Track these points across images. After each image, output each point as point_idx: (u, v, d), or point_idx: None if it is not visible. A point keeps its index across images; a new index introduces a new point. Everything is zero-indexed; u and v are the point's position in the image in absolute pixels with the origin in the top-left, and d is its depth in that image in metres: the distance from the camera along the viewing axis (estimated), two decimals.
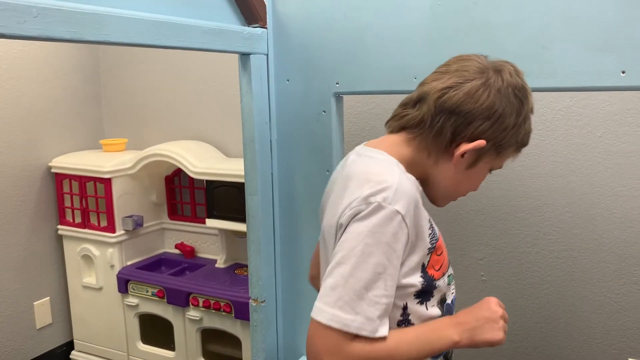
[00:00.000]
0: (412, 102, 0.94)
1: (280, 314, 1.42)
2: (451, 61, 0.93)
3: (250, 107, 1.29)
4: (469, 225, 2.06)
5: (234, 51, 1.21)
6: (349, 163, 0.95)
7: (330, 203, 0.94)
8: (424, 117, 0.91)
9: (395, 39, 1.14)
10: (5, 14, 0.74)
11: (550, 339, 1.98)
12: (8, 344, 2.47)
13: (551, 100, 1.84)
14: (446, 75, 0.90)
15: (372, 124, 2.17)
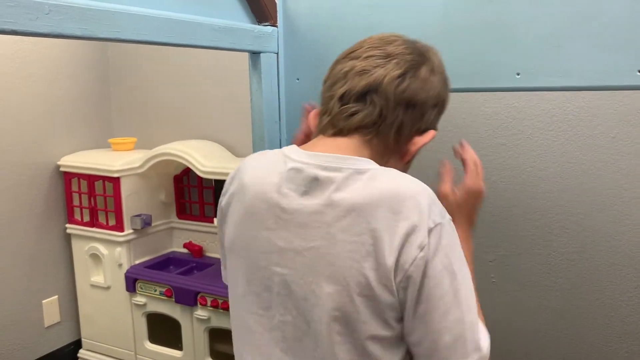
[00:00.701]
0: (358, 96, 0.77)
1: None
2: (376, 43, 0.81)
3: (260, 106, 1.28)
4: (479, 227, 2.04)
5: (244, 50, 1.20)
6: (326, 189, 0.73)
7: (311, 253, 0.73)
8: (382, 111, 0.77)
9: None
10: (17, 10, 0.74)
11: (562, 342, 1.96)
12: (17, 341, 2.48)
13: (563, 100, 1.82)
14: (390, 60, 0.77)
15: None
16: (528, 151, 1.91)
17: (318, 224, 0.73)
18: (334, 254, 0.71)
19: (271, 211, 0.77)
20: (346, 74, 0.80)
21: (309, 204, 0.74)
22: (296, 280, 0.74)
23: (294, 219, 0.75)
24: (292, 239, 0.75)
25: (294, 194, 0.76)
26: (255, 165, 0.83)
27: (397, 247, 0.68)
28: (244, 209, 0.80)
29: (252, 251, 0.79)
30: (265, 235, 0.77)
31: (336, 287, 0.70)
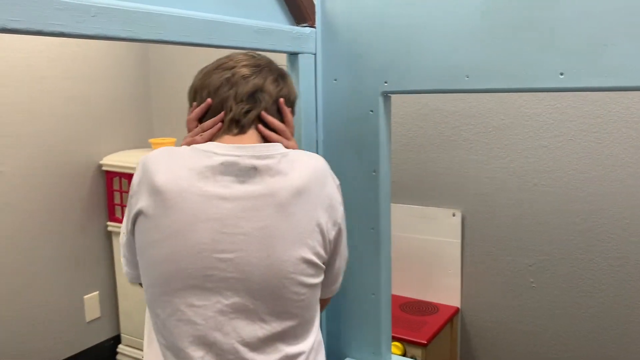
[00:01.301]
0: (248, 96, 0.95)
1: (323, 314, 1.41)
2: (242, 57, 0.99)
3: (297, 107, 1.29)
4: (519, 230, 2.00)
5: (282, 51, 1.21)
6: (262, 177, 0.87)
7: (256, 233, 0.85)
8: (266, 107, 0.96)
9: (447, 36, 1.11)
10: (65, 13, 0.76)
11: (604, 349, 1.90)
12: (59, 335, 2.55)
13: (608, 100, 1.77)
14: (262, 69, 0.98)
15: (419, 124, 2.14)
16: (571, 153, 1.87)
17: (263, 204, 0.86)
18: (289, 226, 0.87)
19: (210, 203, 0.85)
20: (229, 80, 0.96)
21: (251, 189, 0.87)
22: (250, 259, 0.85)
23: (237, 203, 0.86)
24: (237, 221, 0.85)
25: (232, 183, 0.86)
26: (164, 168, 0.88)
27: (331, 210, 0.93)
28: (174, 210, 0.85)
29: (196, 242, 0.84)
30: (208, 227, 0.84)
31: (297, 253, 0.88)
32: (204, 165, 0.87)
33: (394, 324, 1.42)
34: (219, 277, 0.85)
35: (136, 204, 0.88)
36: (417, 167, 2.17)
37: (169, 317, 0.87)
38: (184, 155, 0.90)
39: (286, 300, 0.88)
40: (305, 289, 0.90)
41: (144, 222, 0.87)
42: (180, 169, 0.87)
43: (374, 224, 1.30)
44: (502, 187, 2.01)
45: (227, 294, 0.85)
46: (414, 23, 1.15)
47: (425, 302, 2.18)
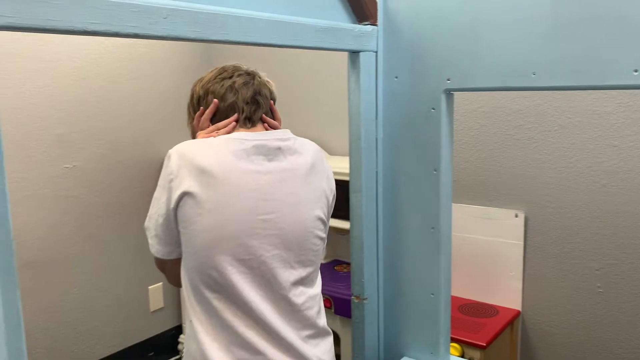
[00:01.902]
0: (251, 98, 1.18)
1: (382, 312, 1.41)
2: (237, 68, 1.23)
3: (357, 105, 1.29)
4: (586, 232, 1.93)
5: (344, 49, 1.21)
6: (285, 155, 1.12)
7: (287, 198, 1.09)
8: (264, 106, 1.21)
9: (513, 32, 1.09)
10: (139, 15, 0.79)
11: None
12: (124, 324, 2.67)
13: None
14: (254, 77, 1.21)
15: (481, 122, 2.10)
16: None
17: (291, 176, 1.10)
18: (308, 193, 1.12)
19: (251, 177, 1.06)
20: (232, 87, 1.18)
21: (279, 165, 1.10)
22: (283, 218, 1.08)
23: (271, 176, 1.08)
24: (272, 190, 1.07)
25: (263, 161, 1.08)
26: (208, 152, 1.05)
27: (328, 180, 1.20)
28: (221, 185, 1.03)
29: (241, 215, 1.04)
30: (251, 196, 1.05)
31: (314, 212, 1.13)
32: (240, 149, 1.07)
33: (453, 325, 1.40)
34: (262, 234, 1.06)
35: (179, 187, 1.03)
36: (479, 166, 2.13)
37: (222, 271, 1.03)
38: (220, 143, 1.07)
39: (308, 251, 1.12)
40: (319, 241, 1.15)
41: (190, 200, 1.02)
42: (221, 153, 1.05)
43: (434, 224, 1.28)
44: (568, 187, 1.94)
45: (269, 248, 1.06)
46: (478, 19, 1.13)
47: (485, 304, 2.14)
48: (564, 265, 1.98)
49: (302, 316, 1.11)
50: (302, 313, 1.11)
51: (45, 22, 0.69)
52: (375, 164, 1.36)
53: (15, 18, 0.67)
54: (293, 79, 2.70)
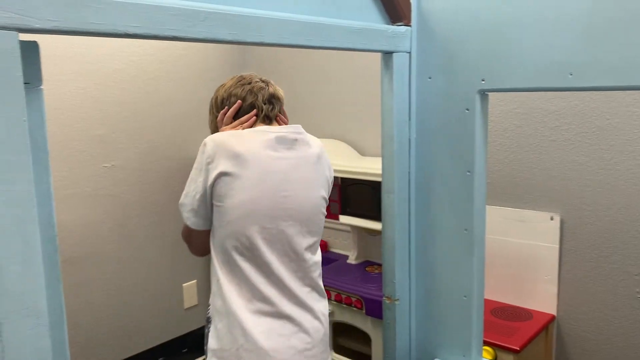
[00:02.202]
0: (268, 99, 1.38)
1: (413, 313, 1.41)
2: (254, 76, 1.44)
3: (390, 105, 1.29)
4: (624, 236, 1.88)
5: (377, 50, 1.22)
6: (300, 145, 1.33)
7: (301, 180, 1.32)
8: (277, 106, 1.41)
9: (549, 31, 1.07)
10: (178, 18, 0.82)
11: None
12: (159, 321, 2.73)
13: None
14: (269, 83, 1.43)
15: (516, 123, 2.07)
16: None
17: (304, 163, 1.33)
18: (316, 177, 1.35)
19: (275, 162, 1.28)
20: (252, 91, 1.39)
21: (295, 153, 1.32)
22: (298, 196, 1.30)
23: (289, 161, 1.30)
24: (293, 174, 1.30)
25: (284, 150, 1.30)
26: (240, 141, 1.27)
27: (329, 168, 1.42)
28: (251, 168, 1.25)
29: (267, 192, 1.26)
30: (274, 178, 1.27)
31: (320, 193, 1.36)
32: (265, 139, 1.29)
33: (486, 329, 1.39)
34: (282, 208, 1.28)
35: (215, 168, 1.25)
36: (514, 168, 2.10)
37: (249, 237, 1.26)
38: (248, 134, 1.31)
39: (315, 223, 1.36)
40: (323, 216, 1.39)
41: (226, 178, 1.24)
42: (251, 142, 1.28)
43: (467, 225, 1.28)
44: (606, 190, 1.90)
45: (287, 219, 1.29)
46: (514, 18, 1.12)
47: (519, 308, 2.11)
48: (602, 270, 1.93)
49: (308, 277, 1.35)
50: (308, 274, 1.35)
51: (89, 25, 0.72)
52: (408, 164, 1.35)
53: (61, 22, 0.70)
54: (325, 80, 2.71)
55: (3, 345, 0.67)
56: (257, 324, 1.26)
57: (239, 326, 1.25)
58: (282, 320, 1.29)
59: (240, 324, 1.25)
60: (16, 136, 0.67)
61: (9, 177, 0.67)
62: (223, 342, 1.28)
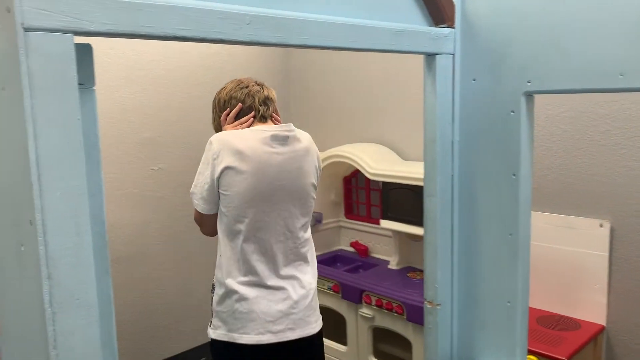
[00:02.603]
0: (263, 101, 1.64)
1: (455, 319, 1.39)
2: (251, 80, 1.69)
3: (433, 107, 1.28)
4: None
5: (420, 52, 1.21)
6: (292, 141, 1.58)
7: (294, 170, 1.56)
8: (271, 107, 1.68)
9: (599, 30, 1.04)
10: (225, 21, 0.84)
11: None
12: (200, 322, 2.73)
13: None
14: (263, 86, 1.68)
15: (564, 127, 2.02)
16: None
17: (296, 156, 1.57)
18: (306, 167, 1.59)
19: (271, 156, 1.53)
20: (249, 94, 1.63)
21: (289, 148, 1.57)
22: (292, 184, 1.56)
23: (283, 155, 1.55)
24: (287, 166, 1.55)
25: (279, 145, 1.55)
26: (241, 139, 1.52)
27: (317, 160, 1.66)
28: (251, 162, 1.50)
29: (265, 182, 1.52)
30: (271, 170, 1.52)
31: (310, 180, 1.61)
32: (262, 137, 1.53)
33: (530, 337, 1.36)
34: (279, 194, 1.54)
35: (221, 163, 1.50)
36: (561, 173, 2.04)
37: (251, 220, 1.52)
38: (249, 133, 1.54)
39: (307, 206, 1.62)
40: (312, 200, 1.64)
41: (229, 172, 1.49)
42: (250, 140, 1.52)
43: (512, 230, 1.25)
44: None
45: (283, 204, 1.55)
46: (561, 18, 1.10)
47: (566, 317, 2.04)
48: None
49: (300, 252, 1.61)
50: (300, 250, 1.61)
51: (140, 28, 0.75)
52: (451, 167, 1.34)
53: (114, 25, 0.73)
54: (367, 84, 2.71)
55: (55, 333, 0.70)
56: (249, 292, 1.53)
57: (233, 293, 1.54)
58: (271, 289, 1.55)
59: (235, 292, 1.53)
60: (71, 134, 0.70)
61: (65, 173, 0.70)
62: (222, 305, 1.57)
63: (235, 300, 1.53)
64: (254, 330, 1.53)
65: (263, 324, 1.53)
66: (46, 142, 0.68)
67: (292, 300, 1.56)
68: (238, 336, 1.54)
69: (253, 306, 1.52)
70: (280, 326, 1.54)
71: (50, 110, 0.68)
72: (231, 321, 1.55)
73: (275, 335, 1.54)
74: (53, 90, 0.68)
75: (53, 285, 0.70)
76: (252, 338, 1.53)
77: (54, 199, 0.69)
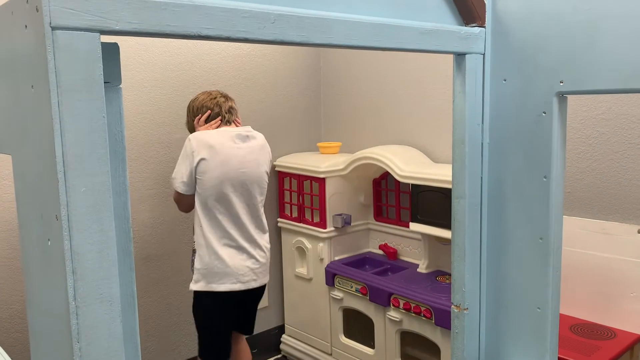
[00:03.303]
0: (227, 110, 2.14)
1: (483, 324, 1.36)
2: (218, 93, 2.18)
3: (462, 108, 1.26)
4: None
5: (450, 51, 1.19)
6: (250, 139, 2.10)
7: (252, 161, 2.07)
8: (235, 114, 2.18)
9: (635, 28, 1.01)
10: (249, 20, 0.84)
11: None
12: None
13: None
14: (228, 98, 2.17)
15: (600, 130, 1.96)
16: None
17: (253, 150, 2.08)
18: (261, 159, 2.11)
19: (235, 150, 2.02)
20: (217, 103, 2.12)
21: (249, 144, 2.08)
22: (251, 171, 2.06)
23: (244, 150, 2.05)
24: (247, 157, 2.05)
25: (240, 142, 2.05)
26: (212, 137, 2.01)
27: (269, 154, 2.19)
28: (220, 154, 1.99)
29: (231, 169, 2.01)
30: (235, 160, 2.01)
31: (264, 169, 2.13)
32: (229, 136, 2.04)
33: (563, 345, 1.32)
34: (243, 177, 2.03)
35: (198, 155, 1.98)
36: (597, 177, 1.98)
37: (222, 197, 2.01)
38: (218, 133, 2.05)
39: (262, 187, 2.12)
40: (265, 184, 2.14)
41: (204, 162, 1.97)
42: (219, 138, 2.02)
43: (542, 234, 1.22)
44: None
45: (245, 188, 2.05)
46: (596, 14, 1.06)
47: (601, 326, 1.98)
48: None
49: (258, 221, 2.11)
50: (259, 219, 2.11)
51: (165, 27, 0.75)
52: (480, 169, 1.31)
53: (140, 24, 0.74)
54: (396, 85, 2.69)
55: (79, 327, 0.71)
56: (224, 252, 2.01)
57: (213, 253, 2.00)
58: (240, 250, 2.04)
59: (214, 252, 2.00)
60: (96, 131, 0.71)
61: (90, 170, 0.71)
62: (203, 263, 2.02)
63: (214, 259, 2.00)
64: (229, 281, 2.02)
65: (236, 276, 2.02)
66: (72, 139, 0.69)
67: (256, 259, 2.08)
68: (216, 286, 2.01)
69: (229, 263, 2.01)
70: (247, 277, 2.05)
71: (76, 107, 0.69)
72: (210, 275, 2.01)
73: (244, 284, 2.05)
74: (80, 88, 0.70)
75: (77, 280, 0.71)
76: (228, 286, 2.02)
77: (79, 195, 0.70)
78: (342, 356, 2.63)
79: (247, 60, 2.75)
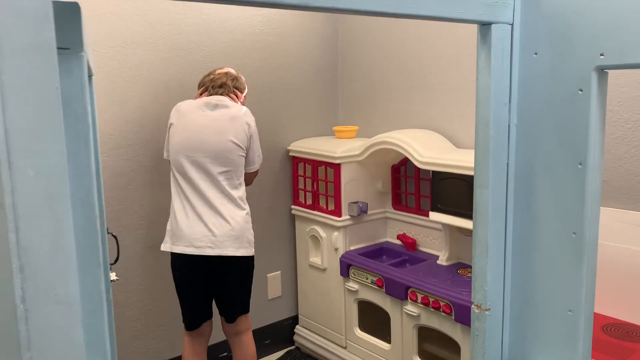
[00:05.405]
0: (219, 85, 2.20)
1: (507, 326, 1.23)
2: (217, 72, 2.23)
3: (487, 86, 1.12)
4: None
5: (473, 20, 1.06)
6: (220, 108, 2.14)
7: (214, 128, 2.10)
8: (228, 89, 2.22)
9: None
10: None
11: None
12: None
13: None
14: (228, 77, 2.22)
15: None
16: None
17: (218, 118, 2.12)
18: (227, 127, 2.11)
19: (199, 118, 2.11)
20: (211, 79, 2.21)
21: (216, 113, 2.13)
22: (210, 140, 2.09)
23: (209, 117, 2.12)
24: (210, 124, 2.10)
25: (207, 110, 2.13)
26: (185, 105, 2.15)
27: (247, 126, 2.16)
28: (184, 119, 2.12)
29: (190, 135, 2.09)
30: (195, 126, 2.11)
31: (229, 138, 2.11)
32: (197, 104, 2.14)
33: (595, 347, 1.19)
34: (199, 146, 2.08)
35: (170, 120, 2.14)
36: (635, 165, 1.82)
37: (182, 163, 2.09)
38: (194, 101, 2.16)
39: (225, 157, 2.10)
40: (233, 154, 2.11)
41: (172, 127, 2.12)
42: (191, 105, 2.14)
43: (576, 228, 1.08)
44: None
45: (202, 153, 2.08)
46: None
47: (636, 326, 1.83)
48: None
49: (224, 191, 2.11)
50: (224, 189, 2.10)
51: None
52: (507, 154, 1.18)
53: None
54: (420, 67, 2.54)
55: (29, 334, 0.61)
56: (184, 218, 2.10)
57: (175, 218, 2.11)
58: (198, 217, 2.08)
59: (175, 216, 2.12)
60: (47, 104, 0.60)
61: (40, 150, 0.60)
62: (170, 225, 2.14)
63: (175, 222, 2.11)
64: (183, 244, 2.09)
65: (190, 240, 2.08)
66: (16, 113, 0.58)
67: (214, 226, 2.08)
68: (174, 247, 2.12)
69: (184, 227, 2.08)
70: (202, 244, 2.08)
71: (22, 76, 0.59)
72: (173, 237, 2.12)
73: (197, 249, 2.08)
74: (26, 53, 0.59)
75: (25, 279, 0.60)
76: (181, 249, 2.10)
77: (27, 179, 0.59)
78: (358, 350, 2.53)
79: (260, 39, 2.63)
